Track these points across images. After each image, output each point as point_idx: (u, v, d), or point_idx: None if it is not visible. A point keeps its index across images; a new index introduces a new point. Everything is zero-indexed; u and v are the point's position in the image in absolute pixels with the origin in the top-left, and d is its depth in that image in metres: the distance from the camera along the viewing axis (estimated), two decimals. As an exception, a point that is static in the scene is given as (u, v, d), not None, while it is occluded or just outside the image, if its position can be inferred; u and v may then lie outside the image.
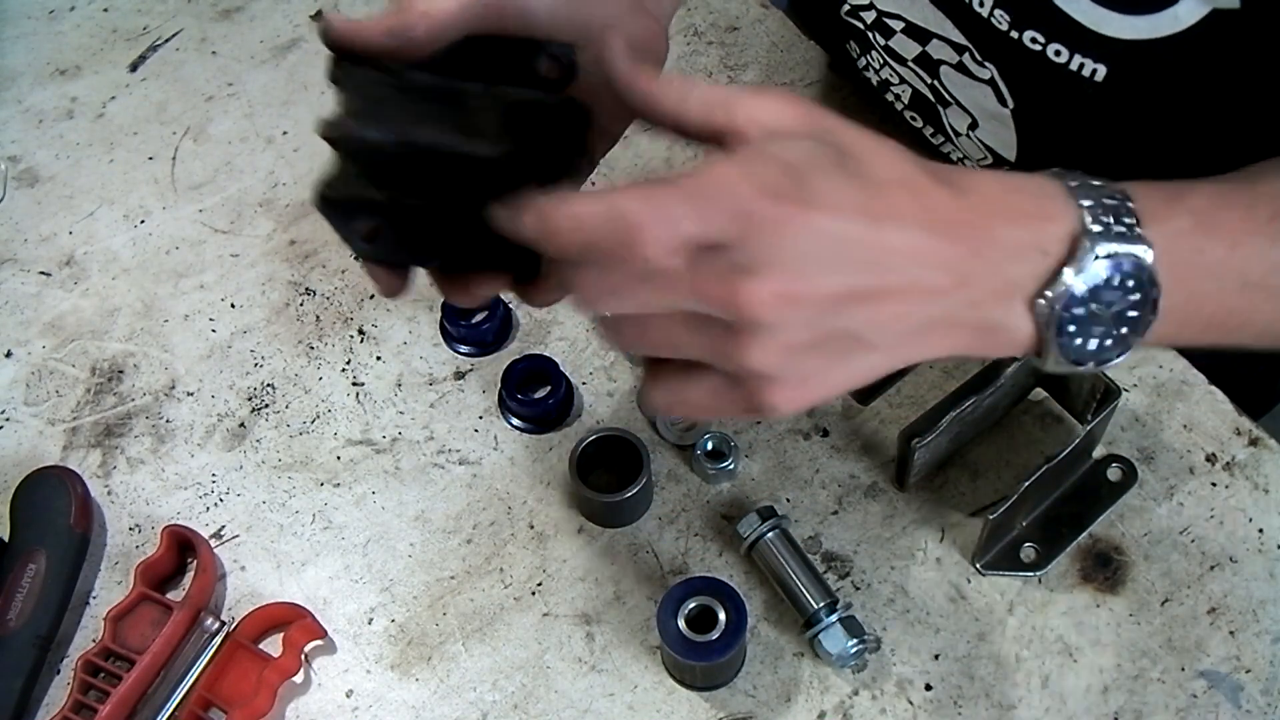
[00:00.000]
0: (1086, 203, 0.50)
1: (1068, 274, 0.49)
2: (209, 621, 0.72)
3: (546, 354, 0.82)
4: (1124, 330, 0.51)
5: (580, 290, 0.49)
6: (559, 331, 0.84)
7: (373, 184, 0.53)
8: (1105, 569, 0.73)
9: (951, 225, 0.48)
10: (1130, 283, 0.50)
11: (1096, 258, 0.49)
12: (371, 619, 0.74)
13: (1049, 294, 0.49)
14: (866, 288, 0.47)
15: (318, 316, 0.85)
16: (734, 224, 0.45)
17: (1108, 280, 0.50)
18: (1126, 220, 0.50)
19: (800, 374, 0.48)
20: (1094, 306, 0.50)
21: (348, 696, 0.72)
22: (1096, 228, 0.49)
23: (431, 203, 0.53)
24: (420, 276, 0.59)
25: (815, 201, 0.45)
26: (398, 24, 0.53)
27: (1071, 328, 0.50)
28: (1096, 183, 0.51)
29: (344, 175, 0.54)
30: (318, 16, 1.00)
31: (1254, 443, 0.77)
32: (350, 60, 0.54)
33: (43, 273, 0.88)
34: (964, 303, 0.49)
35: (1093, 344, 0.51)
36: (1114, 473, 0.76)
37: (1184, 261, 0.52)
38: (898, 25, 0.77)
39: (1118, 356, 0.52)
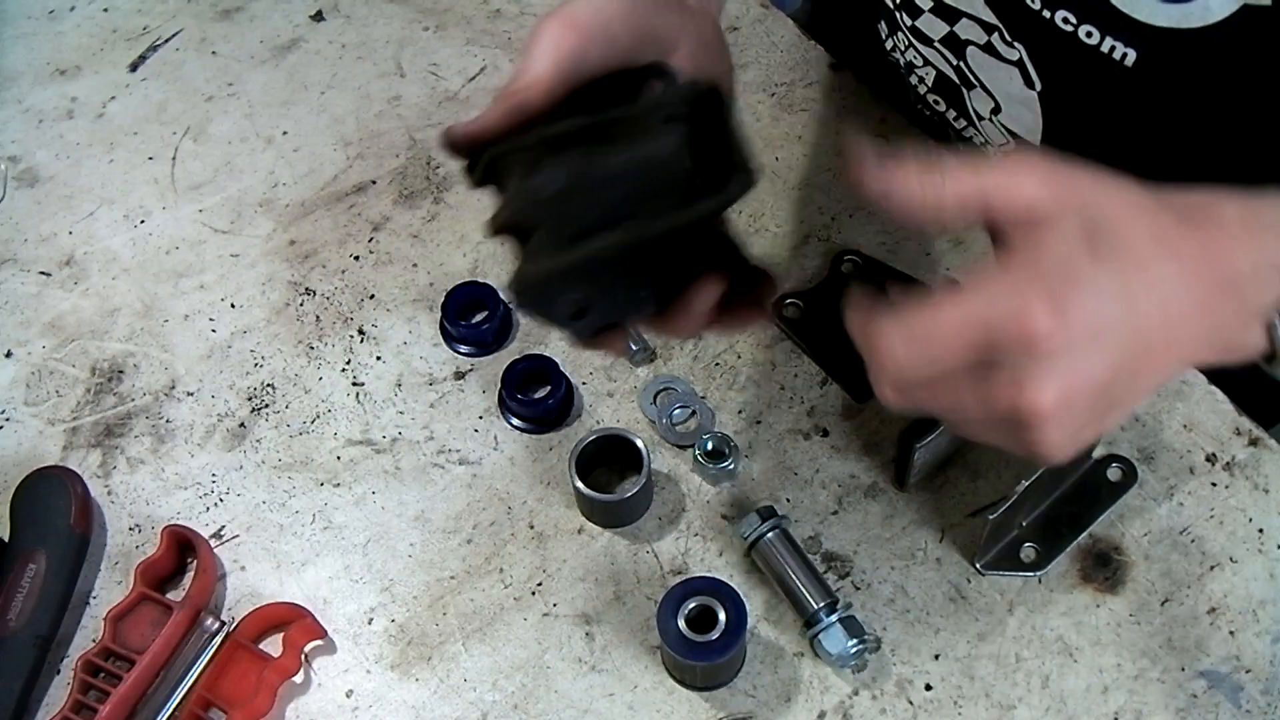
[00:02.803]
0: None
1: None
2: (209, 621, 0.72)
3: (546, 354, 0.82)
4: None
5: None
6: (559, 331, 0.84)
7: (565, 242, 0.53)
8: (1105, 569, 0.73)
9: (1199, 270, 0.52)
10: None
11: None
12: (371, 619, 0.74)
13: None
14: (1133, 359, 0.51)
15: (318, 316, 0.85)
16: (1007, 342, 0.50)
17: None
18: None
19: (1079, 438, 0.53)
20: None
21: (348, 696, 0.72)
22: None
23: (631, 231, 0.53)
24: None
25: (1076, 306, 0.49)
26: (514, 103, 0.56)
27: None
28: None
29: (531, 258, 0.54)
30: (318, 17, 1.00)
31: (1254, 443, 0.77)
32: (481, 153, 0.55)
33: (43, 273, 0.88)
34: (1212, 332, 0.53)
35: None
36: (1114, 473, 0.76)
37: None
38: (926, 4, 0.77)
39: None
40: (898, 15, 0.81)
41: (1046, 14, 0.69)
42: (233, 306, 0.86)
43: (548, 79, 0.56)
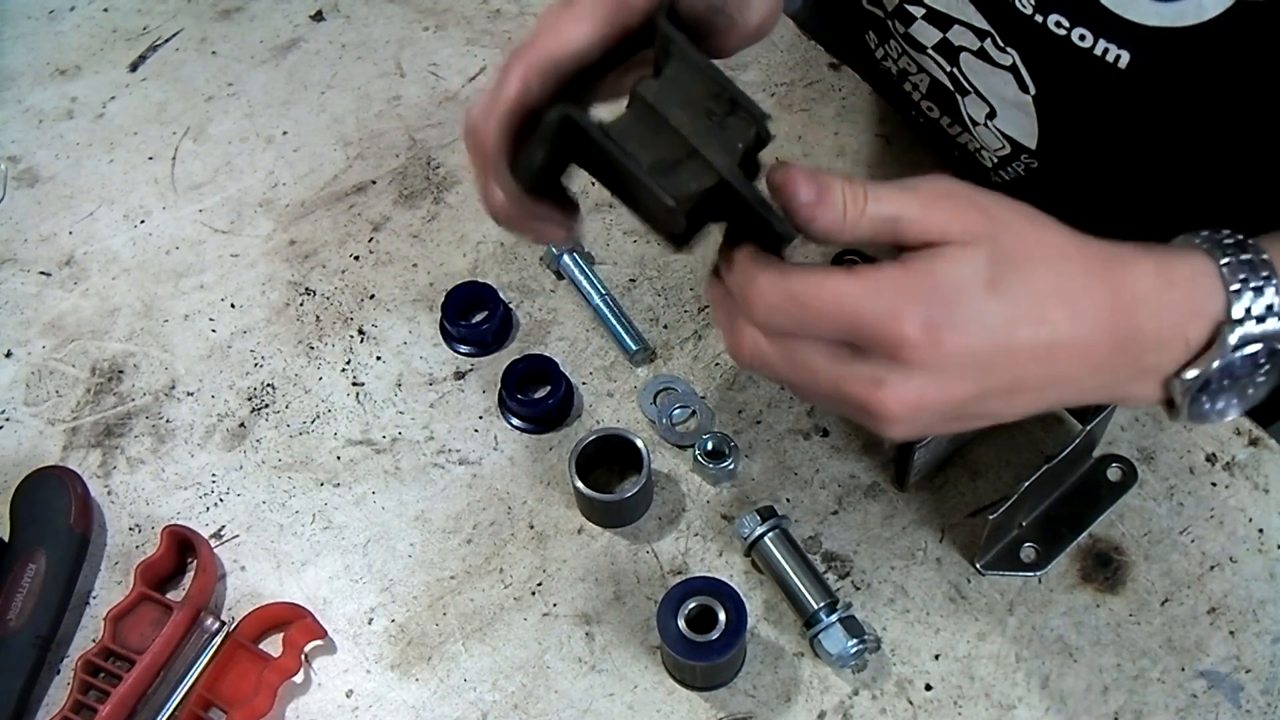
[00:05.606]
0: (1234, 287, 0.52)
1: (1204, 360, 0.52)
2: (209, 621, 0.72)
3: (546, 354, 0.82)
4: (1250, 392, 0.54)
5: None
6: (559, 331, 0.84)
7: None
8: (1105, 569, 0.73)
9: (1097, 325, 0.52)
10: (1263, 360, 0.53)
11: (1236, 347, 0.52)
12: (371, 619, 0.74)
13: (1185, 376, 0.53)
14: (1001, 389, 0.52)
15: (318, 316, 0.85)
16: (875, 339, 0.50)
17: (1243, 362, 0.52)
18: (1271, 301, 0.52)
19: (924, 433, 0.54)
20: (1226, 382, 0.53)
21: (348, 696, 0.72)
22: (1239, 314, 0.52)
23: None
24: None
25: (952, 329, 0.50)
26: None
27: (1203, 398, 0.53)
28: (1246, 256, 0.53)
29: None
30: (318, 17, 1.00)
31: (1254, 443, 0.77)
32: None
33: (43, 273, 0.88)
34: (1099, 385, 0.54)
35: (1219, 405, 0.54)
36: (1114, 473, 0.76)
37: None
38: (918, 11, 0.77)
39: (1241, 413, 0.55)
40: (890, 24, 0.80)
41: (1039, 18, 0.69)
42: (233, 306, 0.86)
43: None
